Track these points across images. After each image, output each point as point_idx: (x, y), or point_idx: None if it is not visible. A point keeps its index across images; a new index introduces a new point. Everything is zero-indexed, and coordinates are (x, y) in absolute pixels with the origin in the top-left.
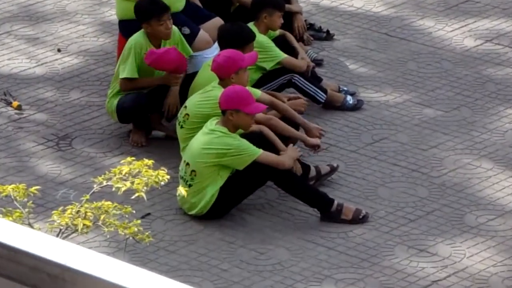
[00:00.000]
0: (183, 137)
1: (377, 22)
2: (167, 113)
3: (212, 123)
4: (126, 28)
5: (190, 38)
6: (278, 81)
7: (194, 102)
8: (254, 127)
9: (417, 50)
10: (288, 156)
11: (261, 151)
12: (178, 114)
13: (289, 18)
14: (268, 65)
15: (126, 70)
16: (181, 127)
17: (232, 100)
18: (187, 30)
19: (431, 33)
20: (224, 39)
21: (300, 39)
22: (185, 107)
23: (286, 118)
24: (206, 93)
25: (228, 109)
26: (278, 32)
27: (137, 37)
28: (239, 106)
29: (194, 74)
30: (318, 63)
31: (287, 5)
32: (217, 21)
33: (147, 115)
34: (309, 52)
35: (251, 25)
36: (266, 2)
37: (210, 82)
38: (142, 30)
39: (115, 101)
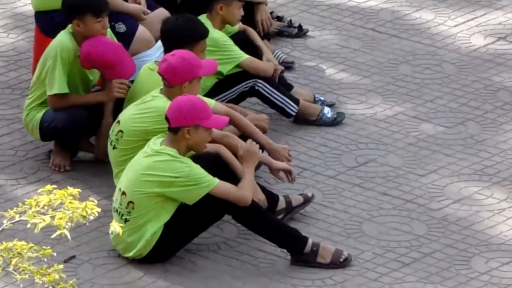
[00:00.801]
0: (117, 160)
1: (361, 14)
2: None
3: (156, 142)
4: (45, 21)
5: (127, 37)
6: (237, 89)
7: (129, 115)
8: (209, 146)
9: (411, 50)
10: (249, 187)
11: (217, 181)
12: (110, 132)
13: (251, 10)
14: (225, 69)
15: (55, 85)
16: (114, 147)
17: (189, 114)
18: (122, 27)
19: (430, 29)
20: (169, 36)
21: (265, 35)
22: (118, 122)
23: (245, 136)
24: (145, 104)
25: (183, 126)
26: (237, 27)
27: (62, 40)
28: (198, 121)
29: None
30: (288, 66)
31: None
32: (160, 13)
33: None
34: (276, 52)
35: (203, 18)
36: None
37: (152, 90)
38: (67, 29)
39: (38, 115)
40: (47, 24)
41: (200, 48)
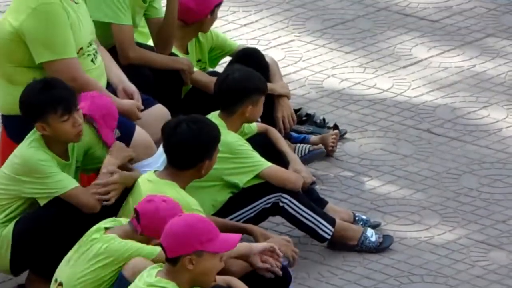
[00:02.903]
0: None
1: (413, 112)
2: None
3: (151, 273)
4: (12, 126)
5: (122, 142)
6: (257, 206)
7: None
8: (219, 279)
9: (478, 158)
10: None
11: None
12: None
13: (270, 103)
14: (242, 180)
15: None
16: None
17: (188, 239)
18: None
19: (501, 131)
20: (172, 146)
21: (286, 135)
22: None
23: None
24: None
25: (182, 255)
26: (256, 127)
27: (34, 155)
28: (200, 246)
29: None
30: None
31: (268, 84)
32: (160, 111)
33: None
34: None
35: (214, 117)
36: (251, 86)
37: None
38: (33, 135)
39: (5, 231)
40: (14, 128)
41: (208, 158)
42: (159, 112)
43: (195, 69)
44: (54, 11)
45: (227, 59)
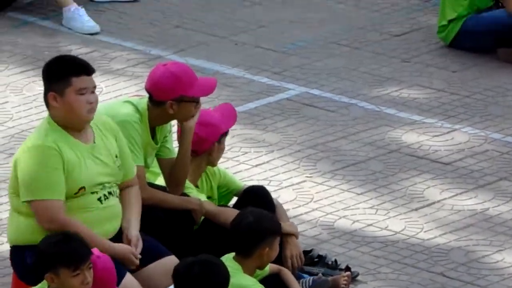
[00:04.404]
0: None
1: (426, 255)
2: None
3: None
4: (18, 261)
5: None
6: None
7: None
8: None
9: None
10: None
11: None
12: None
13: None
14: None
15: None
16: None
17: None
18: None
19: None
20: None
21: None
22: None
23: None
24: None
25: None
26: (268, 268)
27: None
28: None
29: None
30: None
31: None
32: (170, 264)
33: None
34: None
35: (228, 260)
36: (266, 230)
37: None
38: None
39: None
40: (19, 265)
41: None
42: (169, 265)
43: (204, 198)
44: (44, 154)
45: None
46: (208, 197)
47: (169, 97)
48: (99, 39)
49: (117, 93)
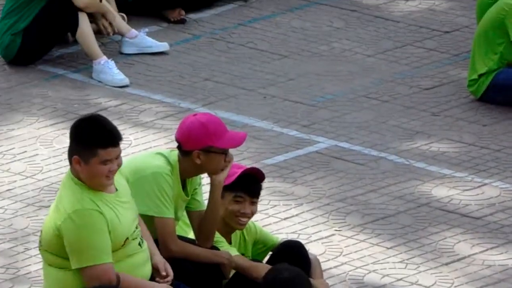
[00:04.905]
0: None
1: None
2: None
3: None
4: None
5: None
6: None
7: None
8: None
9: None
10: None
11: None
12: None
13: None
14: None
15: None
16: None
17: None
18: None
19: None
20: None
21: None
22: None
23: None
24: None
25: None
26: None
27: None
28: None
29: None
30: None
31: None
32: None
33: None
34: None
35: None
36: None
37: None
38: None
39: None
40: None
41: None
42: None
43: (236, 253)
44: (88, 218)
45: None
46: (242, 254)
47: (196, 147)
48: (128, 92)
49: (146, 145)
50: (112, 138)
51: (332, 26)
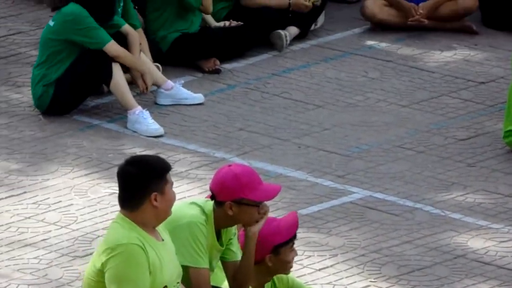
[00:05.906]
0: None
1: None
2: None
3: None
4: None
5: None
6: None
7: None
8: None
9: None
10: None
11: None
12: None
13: None
14: None
15: None
16: None
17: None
18: None
19: None
20: None
21: None
22: None
23: None
24: None
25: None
26: None
27: None
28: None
29: None
30: None
31: None
32: None
33: None
34: None
35: None
36: None
37: None
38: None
39: None
40: None
41: None
42: None
43: None
44: (131, 253)
45: None
46: None
47: (228, 198)
48: (163, 142)
49: (180, 195)
50: (164, 160)
51: (367, 76)
